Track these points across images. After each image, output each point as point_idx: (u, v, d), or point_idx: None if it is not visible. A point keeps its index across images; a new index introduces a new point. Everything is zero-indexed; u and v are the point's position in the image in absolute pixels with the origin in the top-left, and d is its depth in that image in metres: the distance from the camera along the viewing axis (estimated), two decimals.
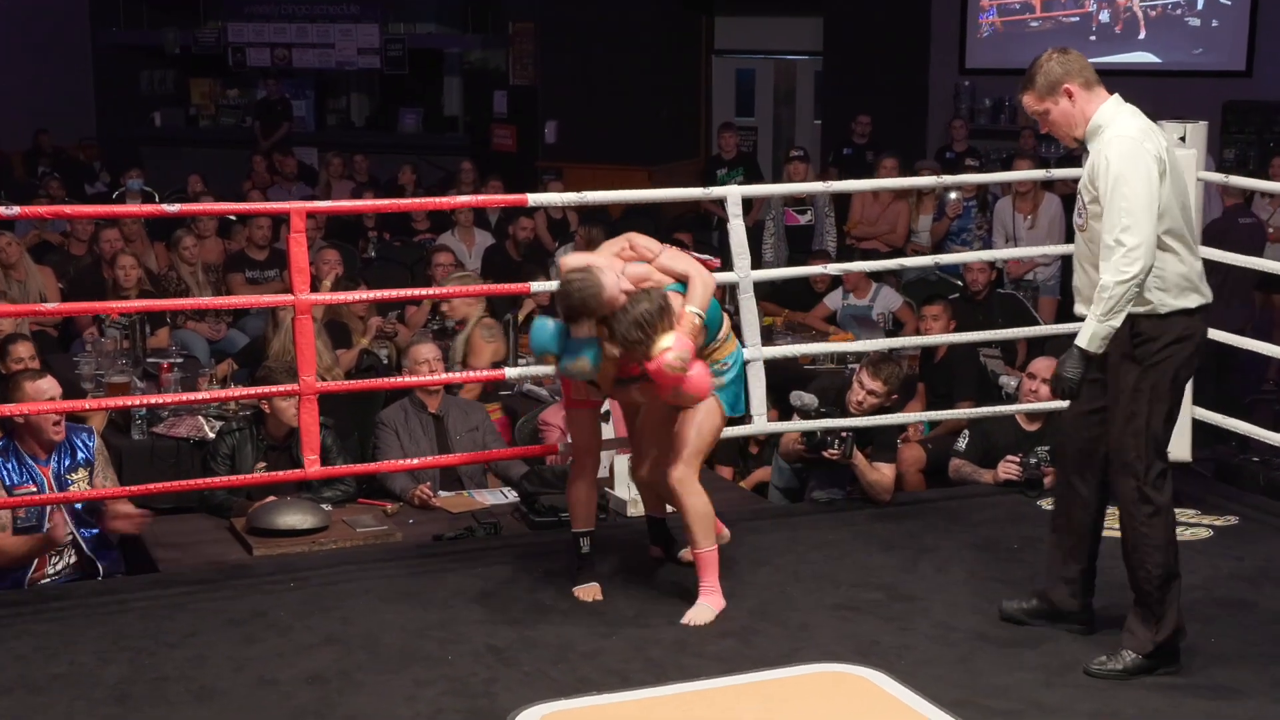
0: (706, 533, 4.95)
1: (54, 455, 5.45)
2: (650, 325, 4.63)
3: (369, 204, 8.26)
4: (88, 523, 5.49)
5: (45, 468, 5.43)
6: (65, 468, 5.46)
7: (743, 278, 6.01)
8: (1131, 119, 4.43)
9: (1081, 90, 4.45)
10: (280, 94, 15.93)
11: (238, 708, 4.22)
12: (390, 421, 6.48)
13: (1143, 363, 4.40)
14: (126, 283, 8.55)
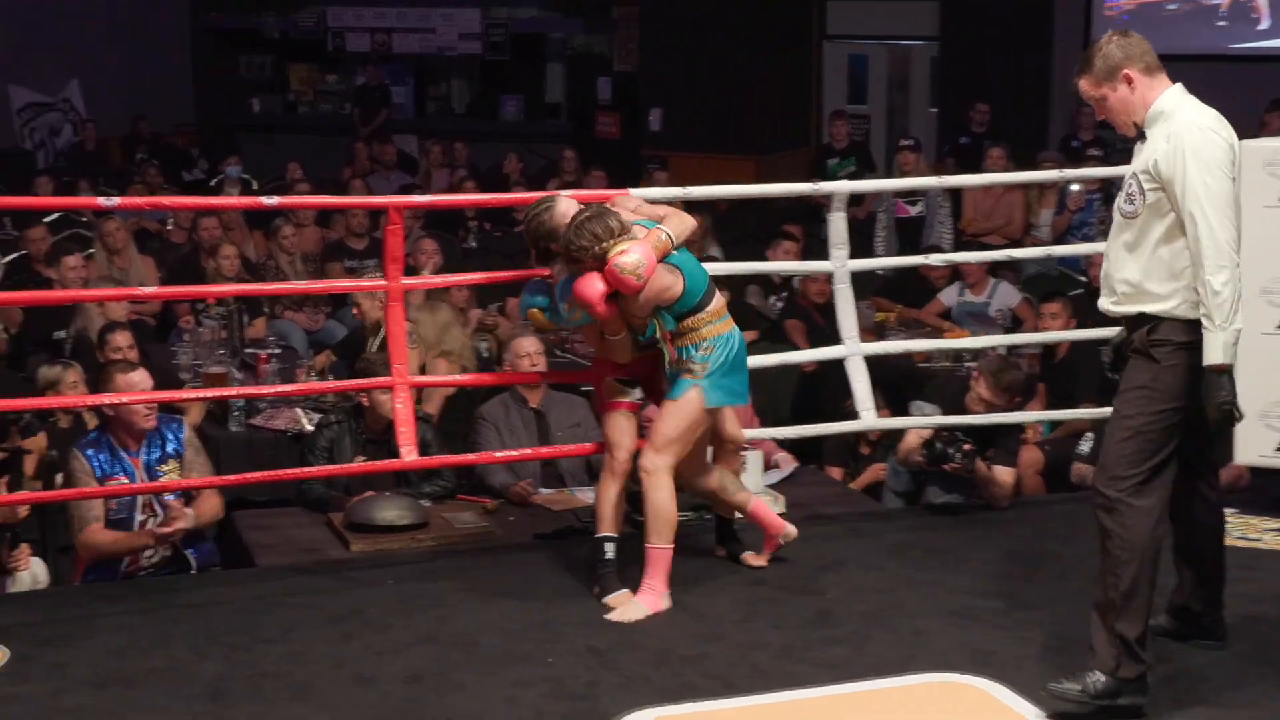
0: (662, 530, 4.97)
1: (144, 447, 5.55)
2: (594, 231, 4.77)
3: (465, 199, 8.34)
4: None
5: (136, 459, 5.53)
6: (155, 459, 5.54)
7: (838, 268, 6.01)
8: (1200, 107, 4.31)
9: (1142, 76, 4.31)
10: (379, 80, 16.11)
11: (335, 706, 4.27)
12: (490, 416, 6.51)
13: (1158, 363, 4.28)
14: (229, 272, 8.70)
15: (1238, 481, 6.16)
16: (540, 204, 5.10)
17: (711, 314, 4.98)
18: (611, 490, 5.09)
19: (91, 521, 5.43)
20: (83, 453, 5.47)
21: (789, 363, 6.95)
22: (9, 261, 9.70)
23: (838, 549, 5.61)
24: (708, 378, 4.94)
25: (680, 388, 4.96)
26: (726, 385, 5.00)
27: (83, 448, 5.50)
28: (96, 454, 5.48)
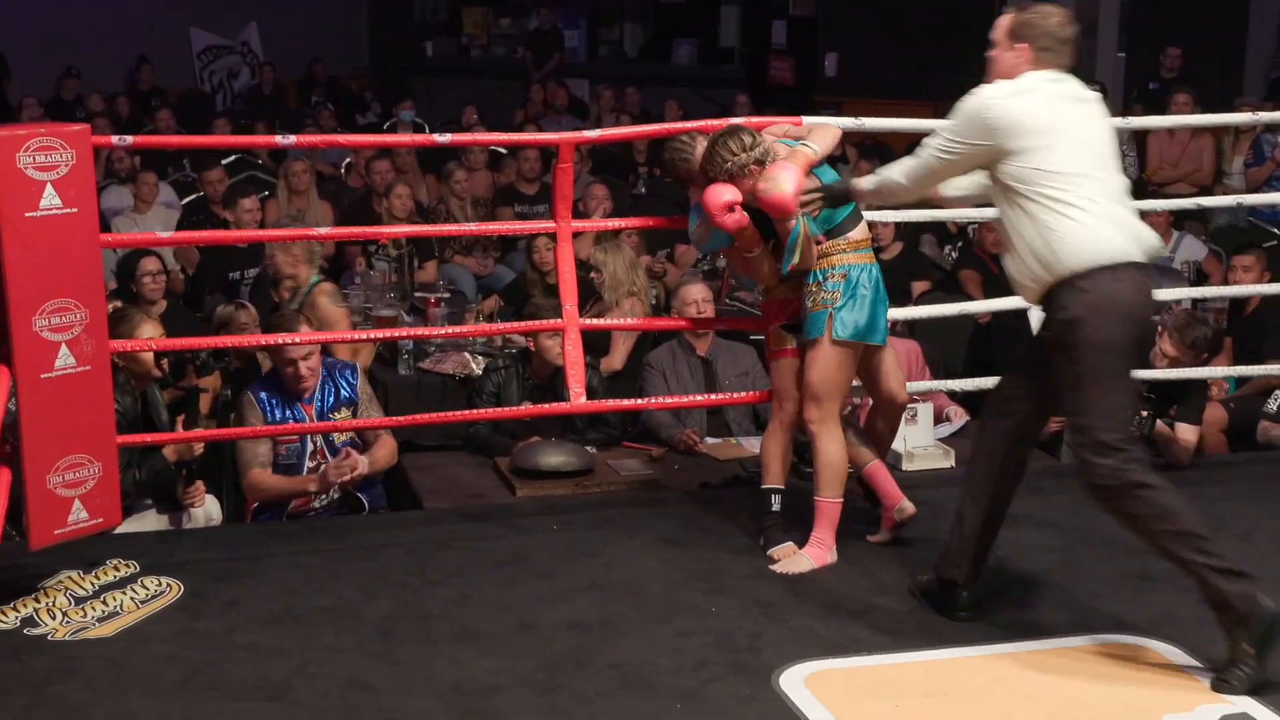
0: (832, 482, 4.90)
1: (318, 394, 5.64)
2: (729, 147, 4.78)
3: (635, 130, 8.28)
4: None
5: (309, 405, 5.63)
6: (329, 406, 5.64)
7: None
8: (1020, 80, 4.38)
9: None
10: (553, 23, 16.15)
11: (500, 650, 4.33)
12: (658, 364, 6.53)
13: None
14: (400, 212, 8.81)
15: None
16: (680, 142, 5.08)
17: (851, 243, 4.89)
18: (778, 441, 5.06)
19: (256, 464, 5.56)
20: (255, 395, 5.60)
21: (964, 313, 6.84)
22: (187, 203, 9.96)
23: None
24: (838, 309, 4.84)
25: (816, 324, 4.86)
26: (855, 320, 4.85)
27: (255, 390, 5.63)
28: (269, 397, 5.60)
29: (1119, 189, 4.29)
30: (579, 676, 4.17)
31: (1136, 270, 4.19)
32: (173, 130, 11.99)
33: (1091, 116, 4.35)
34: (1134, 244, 4.20)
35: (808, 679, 4.16)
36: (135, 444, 5.21)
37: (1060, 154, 4.24)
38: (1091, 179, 4.23)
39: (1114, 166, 4.32)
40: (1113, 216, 4.20)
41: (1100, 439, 4.13)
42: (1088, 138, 4.30)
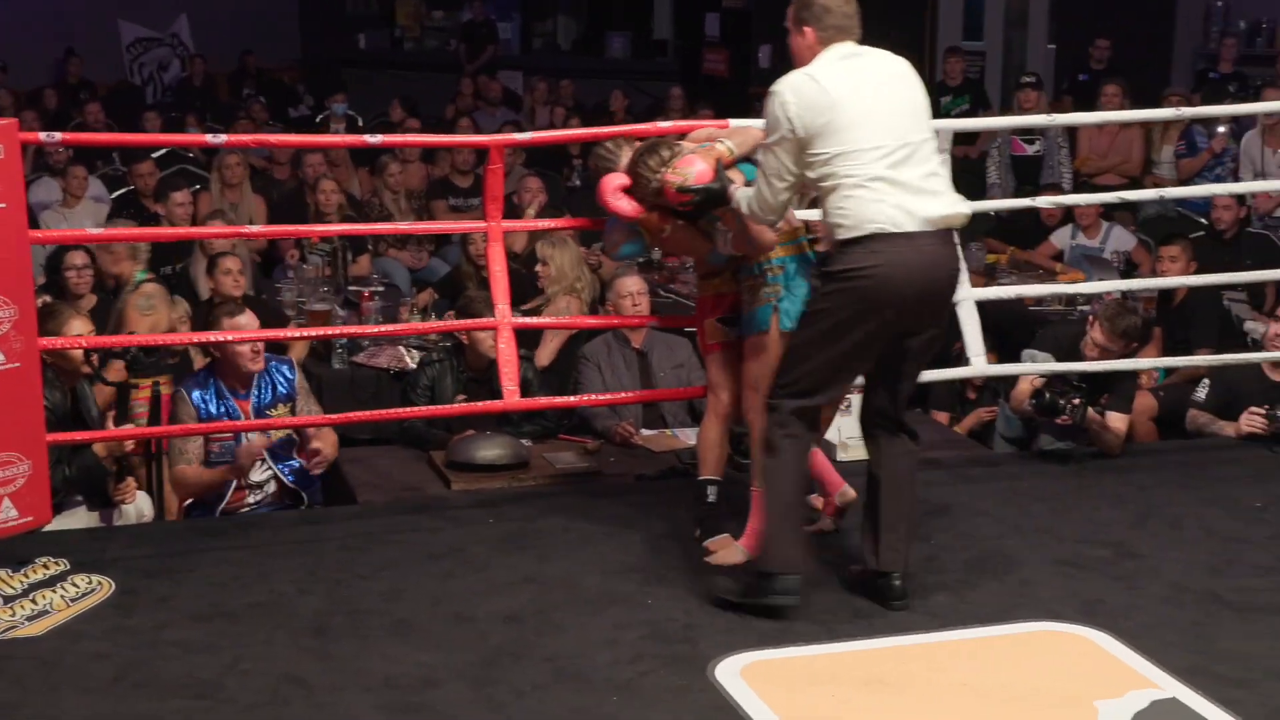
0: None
1: (254, 389, 5.60)
2: (649, 165, 4.80)
3: (569, 134, 8.30)
4: (287, 458, 5.64)
5: (245, 402, 5.57)
6: (265, 402, 5.60)
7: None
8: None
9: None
10: (486, 15, 16.10)
11: (434, 643, 4.32)
12: (592, 356, 6.53)
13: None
14: (327, 207, 8.75)
15: None
16: (605, 149, 5.09)
17: (780, 234, 4.86)
18: (714, 433, 5.06)
19: (181, 462, 5.49)
20: (187, 392, 5.54)
21: None
22: (117, 197, 9.85)
23: (944, 495, 5.57)
24: (781, 301, 4.81)
25: (761, 318, 4.83)
26: (799, 311, 4.79)
27: (188, 387, 5.57)
28: (202, 394, 5.54)
29: (916, 157, 4.39)
30: (514, 670, 4.16)
31: (895, 240, 4.31)
32: (102, 124, 11.88)
33: (890, 87, 4.48)
34: (903, 215, 4.30)
35: (743, 670, 4.17)
36: (65, 441, 5.15)
37: (845, 133, 4.35)
38: (876, 153, 4.34)
39: (915, 134, 4.43)
40: (883, 191, 4.32)
41: (770, 399, 4.51)
42: (879, 110, 4.40)
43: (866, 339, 4.41)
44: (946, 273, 4.48)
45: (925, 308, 4.42)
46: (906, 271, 4.31)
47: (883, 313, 4.36)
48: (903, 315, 4.38)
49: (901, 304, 4.35)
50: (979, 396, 6.92)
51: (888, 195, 4.32)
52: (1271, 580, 4.78)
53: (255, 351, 5.53)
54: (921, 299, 4.38)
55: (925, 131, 4.49)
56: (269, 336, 5.75)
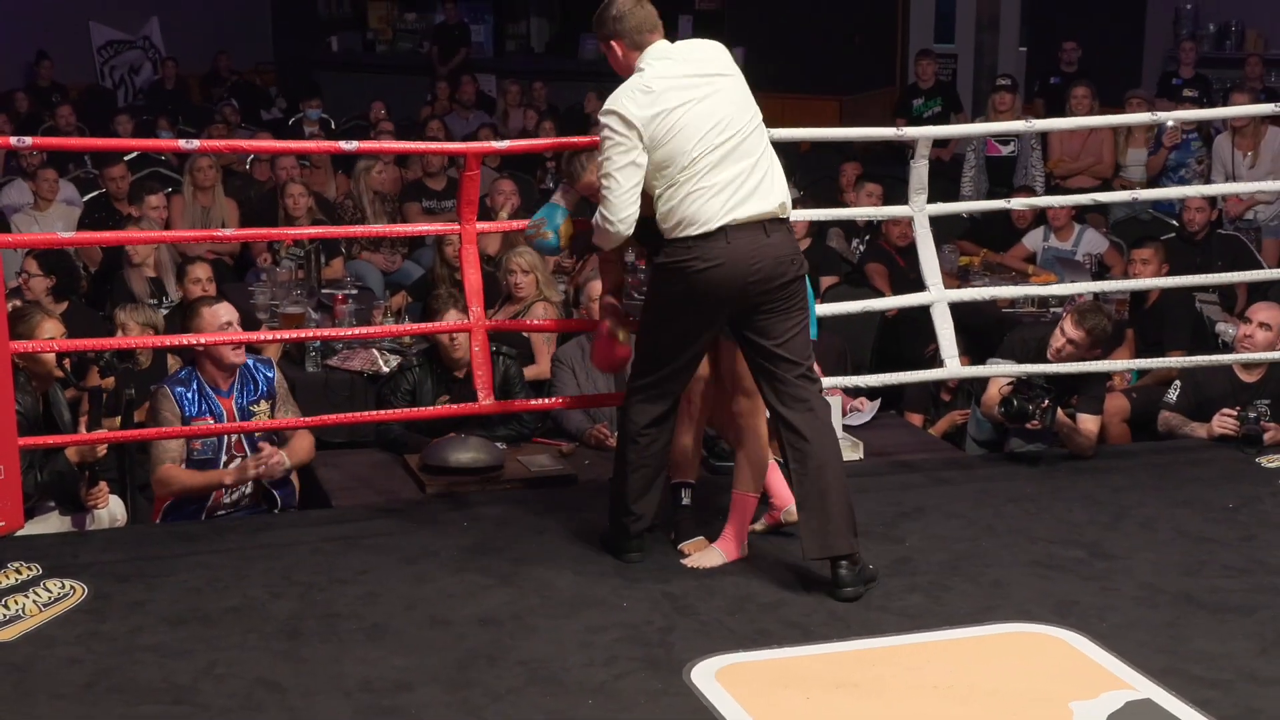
0: (754, 477, 4.94)
1: (236, 386, 5.57)
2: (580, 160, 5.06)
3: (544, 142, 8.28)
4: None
5: (227, 399, 5.54)
6: (248, 399, 5.58)
7: (918, 213, 6.00)
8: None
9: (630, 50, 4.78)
10: (458, 18, 16.07)
11: (409, 647, 4.31)
12: (567, 360, 6.52)
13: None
14: (295, 211, 8.72)
15: None
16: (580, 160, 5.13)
17: None
18: (686, 437, 5.05)
19: (167, 459, 5.47)
20: (171, 390, 5.50)
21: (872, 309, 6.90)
22: (89, 200, 9.81)
23: (918, 497, 5.58)
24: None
25: None
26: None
27: (171, 385, 5.53)
28: (185, 393, 5.51)
29: (738, 151, 4.57)
30: (489, 673, 4.15)
31: (711, 237, 4.54)
32: (73, 127, 11.81)
33: (710, 80, 4.64)
34: (717, 213, 4.52)
35: (719, 673, 4.17)
36: (37, 446, 5.11)
37: (673, 135, 4.54)
38: (698, 151, 4.53)
39: (735, 127, 4.59)
40: (708, 187, 4.53)
41: (629, 384, 4.85)
42: (699, 107, 4.57)
43: (692, 327, 4.67)
44: (769, 262, 4.59)
45: (749, 297, 4.59)
46: (721, 268, 4.54)
47: (700, 305, 4.60)
48: (724, 305, 4.60)
49: (720, 297, 4.58)
50: (953, 399, 6.93)
51: (707, 194, 4.53)
52: (1244, 581, 4.80)
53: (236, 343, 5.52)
54: (743, 291, 4.58)
55: (746, 121, 4.65)
56: (245, 339, 5.72)
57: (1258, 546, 5.09)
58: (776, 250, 4.61)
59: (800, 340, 4.70)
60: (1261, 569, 4.89)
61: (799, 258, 4.72)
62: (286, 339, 6.60)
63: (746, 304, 4.61)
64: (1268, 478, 5.77)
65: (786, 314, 4.65)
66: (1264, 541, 5.12)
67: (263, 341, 6.54)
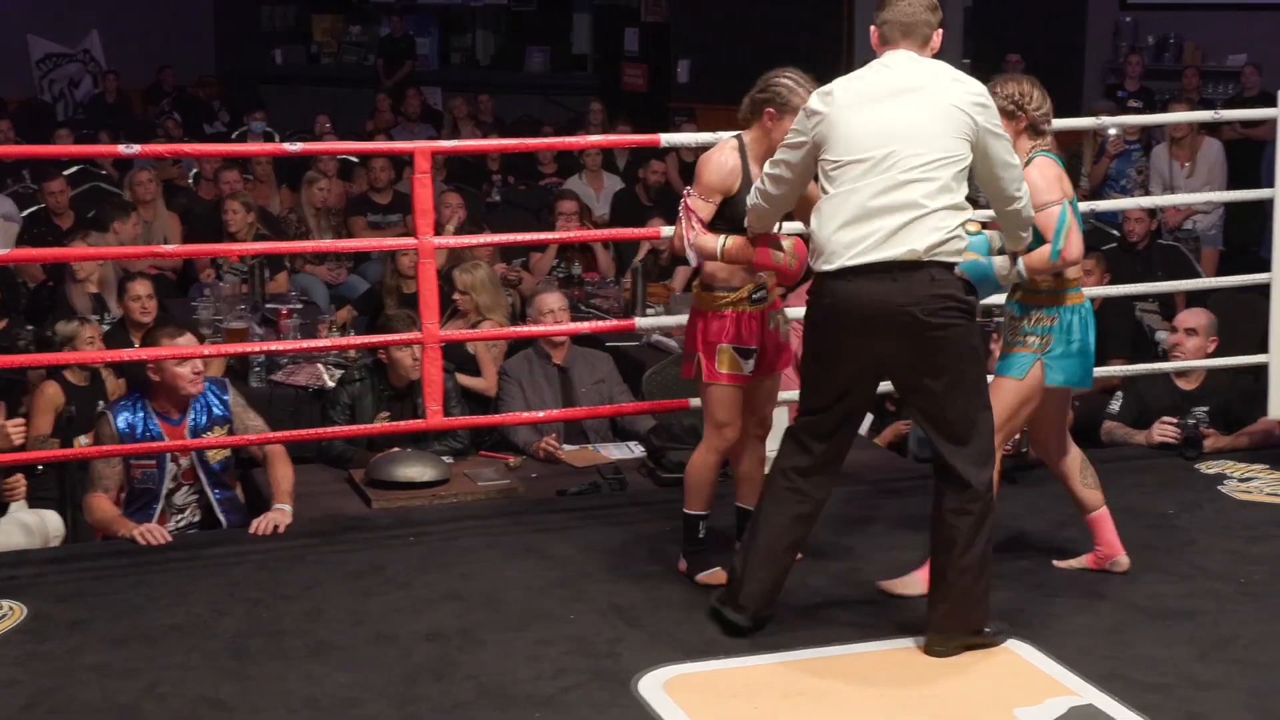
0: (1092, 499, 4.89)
1: (189, 415, 5.46)
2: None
3: (494, 144, 8.32)
4: (222, 483, 5.54)
5: (176, 428, 5.39)
6: (201, 426, 5.45)
7: None
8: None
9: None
10: (404, 31, 16.06)
11: (356, 663, 4.29)
12: (514, 372, 6.52)
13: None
14: (235, 227, 8.66)
15: (1269, 438, 6.13)
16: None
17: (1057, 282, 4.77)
18: (708, 469, 4.83)
19: (100, 488, 5.33)
20: (113, 415, 5.40)
21: None
22: (28, 215, 9.71)
23: (864, 507, 5.61)
24: (1049, 353, 4.74)
25: (1017, 362, 4.74)
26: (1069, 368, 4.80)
27: (116, 410, 5.41)
28: (129, 418, 5.38)
29: (896, 184, 4.20)
30: (437, 688, 4.14)
31: (849, 276, 4.21)
32: (11, 141, 11.70)
33: (901, 105, 4.26)
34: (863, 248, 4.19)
35: (667, 684, 4.17)
36: None
37: (842, 147, 4.25)
38: (862, 179, 4.22)
39: (908, 161, 4.20)
40: (856, 219, 4.21)
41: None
42: (879, 129, 4.23)
43: (832, 360, 4.34)
44: (887, 311, 4.20)
45: (877, 345, 4.26)
46: (849, 307, 4.25)
47: (840, 339, 4.29)
48: (859, 348, 4.28)
49: (848, 337, 4.27)
50: (898, 409, 6.97)
51: (864, 228, 4.23)
52: (1184, 586, 4.85)
53: (196, 373, 5.35)
54: (867, 336, 4.25)
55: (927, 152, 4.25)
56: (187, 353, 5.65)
57: (1197, 552, 5.14)
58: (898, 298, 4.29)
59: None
60: (1201, 574, 4.94)
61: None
62: (229, 352, 6.55)
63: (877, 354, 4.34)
64: (1207, 484, 5.84)
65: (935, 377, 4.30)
66: (1203, 547, 5.18)
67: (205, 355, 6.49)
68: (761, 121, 4.72)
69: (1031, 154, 4.68)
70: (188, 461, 5.43)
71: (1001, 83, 4.74)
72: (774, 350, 4.85)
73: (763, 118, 4.71)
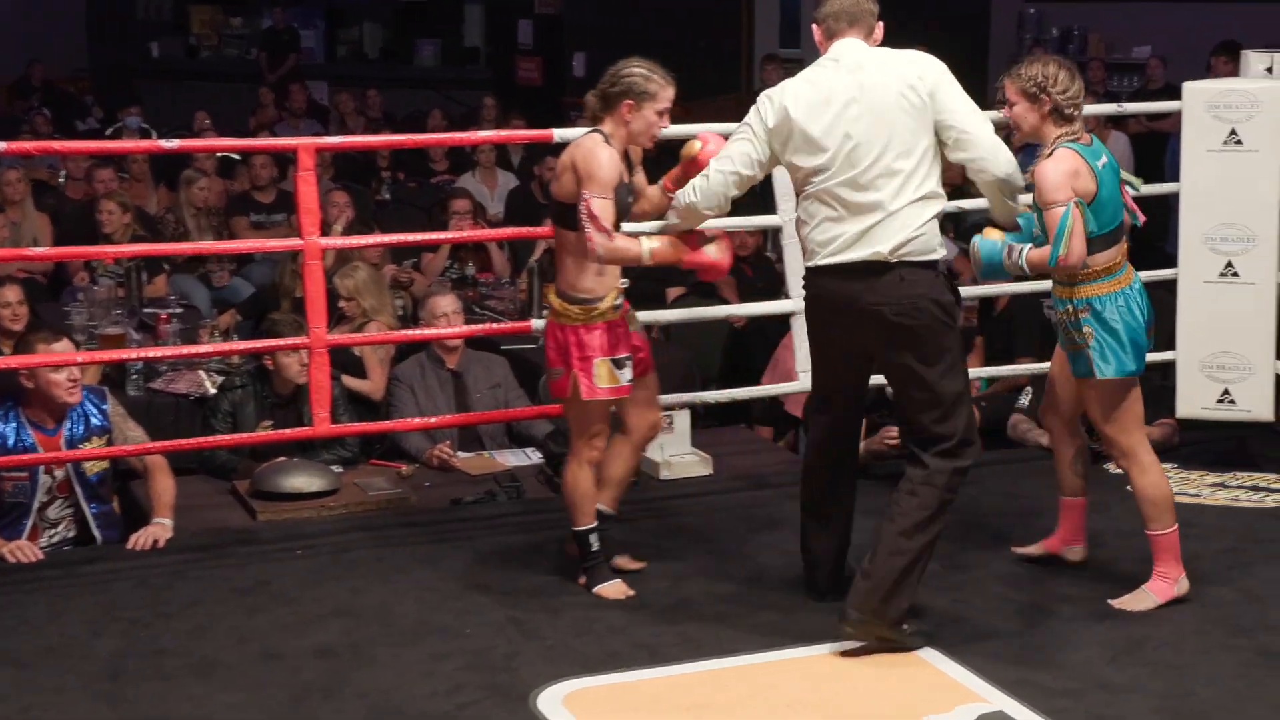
0: (1161, 515, 4.78)
1: (65, 424, 5.38)
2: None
3: (383, 139, 8.28)
4: (99, 496, 5.46)
5: (52, 438, 5.32)
6: (78, 436, 5.38)
7: (787, 221, 6.01)
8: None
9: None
10: (287, 23, 15.92)
11: (241, 682, 4.25)
12: (406, 378, 6.48)
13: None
14: (109, 227, 8.52)
15: (1170, 439, 6.22)
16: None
17: (1089, 272, 4.69)
18: (586, 482, 4.83)
19: None
20: None
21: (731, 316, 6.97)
22: None
23: (770, 512, 5.63)
24: (1093, 346, 4.69)
25: (1080, 365, 4.73)
26: (1119, 356, 4.71)
27: None
28: (0, 428, 5.30)
29: (859, 185, 4.42)
30: (327, 708, 4.11)
31: (825, 273, 4.53)
32: None
33: (853, 102, 4.44)
34: (833, 249, 4.47)
35: (566, 698, 4.17)
36: None
37: (804, 152, 4.47)
38: (828, 181, 4.45)
39: (868, 159, 4.41)
40: (828, 219, 4.49)
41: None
42: (837, 130, 4.44)
43: (821, 344, 4.70)
44: (858, 308, 4.47)
45: (853, 335, 4.54)
46: (826, 301, 4.58)
47: (824, 327, 4.64)
48: (839, 336, 4.59)
49: (830, 326, 4.61)
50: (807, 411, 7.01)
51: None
52: (1093, 589, 4.90)
53: (72, 381, 5.27)
54: (843, 327, 4.56)
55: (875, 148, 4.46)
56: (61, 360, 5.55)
57: (1106, 553, 5.21)
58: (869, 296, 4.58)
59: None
60: (1110, 576, 5.00)
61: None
62: (105, 359, 6.44)
63: (861, 341, 4.62)
64: (1116, 484, 5.92)
65: (913, 362, 4.55)
66: (1112, 548, 5.25)
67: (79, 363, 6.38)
68: (618, 114, 4.76)
69: (1055, 144, 4.68)
70: (63, 473, 5.36)
71: (1027, 64, 4.75)
72: (643, 350, 4.94)
73: (619, 110, 4.76)
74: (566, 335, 4.76)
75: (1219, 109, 5.95)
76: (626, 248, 4.68)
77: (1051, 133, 4.69)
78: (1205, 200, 6.03)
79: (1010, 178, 4.49)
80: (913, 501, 4.45)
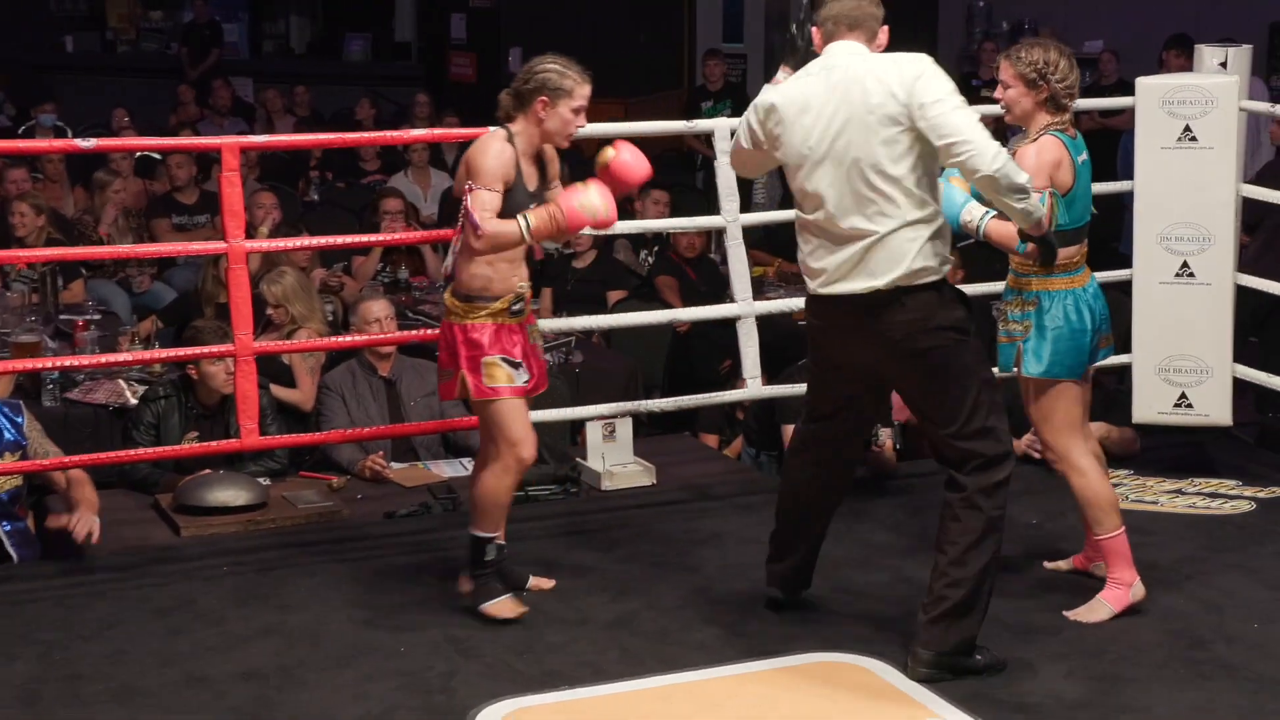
0: (1103, 517, 4.80)
1: None
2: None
3: (310, 138, 8.23)
4: (11, 514, 5.40)
5: None
6: None
7: (730, 222, 6.03)
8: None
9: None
10: (209, 16, 15.79)
11: (163, 709, 4.22)
12: (336, 386, 6.45)
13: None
14: (22, 230, 8.44)
15: (1129, 446, 6.26)
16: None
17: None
18: (503, 489, 4.76)
19: None
20: None
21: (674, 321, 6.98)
22: None
23: (715, 523, 5.64)
24: (1028, 340, 4.80)
25: (1004, 358, 4.85)
26: (1047, 356, 4.80)
27: None
28: None
29: (847, 210, 4.39)
30: None
31: (825, 300, 4.54)
32: None
33: (838, 115, 4.36)
34: (828, 278, 4.48)
35: (505, 718, 4.15)
36: None
37: (794, 165, 4.47)
38: (819, 202, 4.41)
39: (856, 178, 4.35)
40: (822, 245, 4.49)
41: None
42: (824, 147, 4.37)
43: (823, 367, 4.67)
44: (862, 335, 4.46)
45: (859, 358, 4.52)
46: (827, 326, 4.59)
47: (826, 351, 4.63)
48: (844, 361, 4.58)
49: (833, 350, 4.60)
50: (747, 417, 7.02)
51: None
52: (1048, 600, 4.94)
53: None
54: (847, 352, 4.54)
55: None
56: None
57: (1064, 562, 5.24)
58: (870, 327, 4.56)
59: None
60: (1065, 588, 5.03)
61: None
62: (18, 368, 6.37)
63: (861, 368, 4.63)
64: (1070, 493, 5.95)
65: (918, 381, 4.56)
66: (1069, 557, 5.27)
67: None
68: (532, 112, 4.76)
69: (1042, 132, 4.69)
70: None
71: (1028, 48, 4.75)
72: (538, 367, 4.84)
73: (534, 108, 4.75)
74: (454, 333, 4.73)
75: (1173, 105, 6.00)
76: (505, 229, 4.62)
77: (1042, 120, 4.72)
78: (1159, 199, 6.08)
79: (1001, 174, 4.31)
80: (957, 527, 4.39)
